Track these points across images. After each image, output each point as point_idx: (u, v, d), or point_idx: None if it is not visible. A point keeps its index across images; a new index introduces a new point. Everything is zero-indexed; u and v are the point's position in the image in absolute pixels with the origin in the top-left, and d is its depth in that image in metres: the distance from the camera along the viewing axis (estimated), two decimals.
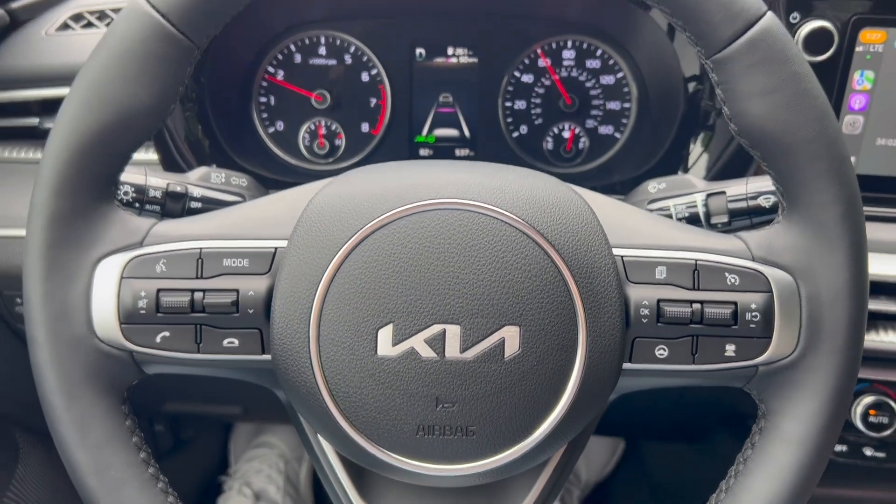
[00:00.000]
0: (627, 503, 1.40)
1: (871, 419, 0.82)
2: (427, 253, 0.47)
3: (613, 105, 0.90)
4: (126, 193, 0.61)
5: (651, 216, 0.54)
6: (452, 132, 0.91)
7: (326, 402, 0.48)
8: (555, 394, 0.48)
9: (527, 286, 0.47)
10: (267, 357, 0.51)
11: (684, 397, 1.02)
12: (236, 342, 0.50)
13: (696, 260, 0.50)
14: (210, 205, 0.64)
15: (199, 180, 0.64)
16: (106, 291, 0.50)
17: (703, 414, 1.09)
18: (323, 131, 0.91)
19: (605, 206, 0.51)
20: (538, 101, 0.90)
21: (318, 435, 0.56)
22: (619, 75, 0.89)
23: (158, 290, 0.50)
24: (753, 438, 0.51)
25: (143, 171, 0.62)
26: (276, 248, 0.50)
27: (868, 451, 0.85)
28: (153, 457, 0.52)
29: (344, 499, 0.55)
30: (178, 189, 0.62)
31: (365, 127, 0.91)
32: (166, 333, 0.50)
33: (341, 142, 0.91)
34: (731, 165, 0.77)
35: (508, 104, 0.90)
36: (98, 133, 0.49)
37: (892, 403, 0.82)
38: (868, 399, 0.81)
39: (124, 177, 0.61)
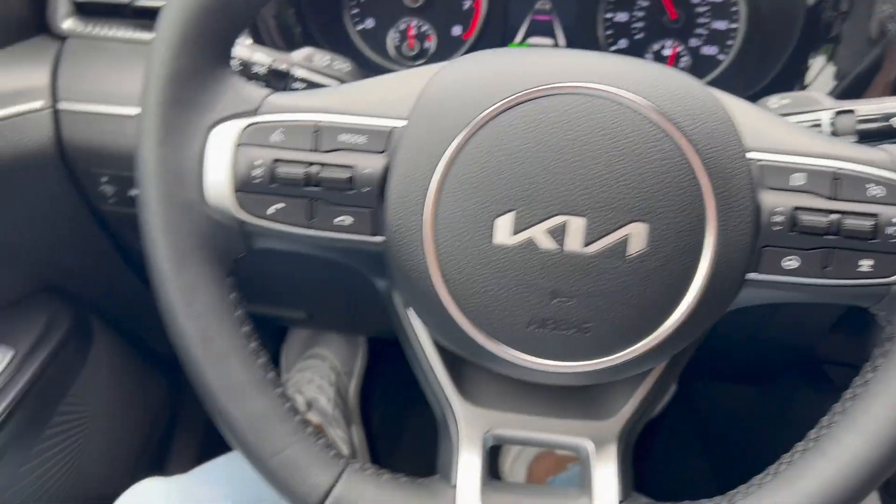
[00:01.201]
0: (675, 444, 1.40)
1: None
2: (556, 139, 0.45)
3: (720, 24, 0.86)
4: (232, 67, 0.59)
5: (787, 122, 0.51)
6: (547, 41, 0.87)
7: (438, 288, 0.47)
8: (675, 297, 0.46)
9: (658, 182, 0.45)
10: (377, 239, 0.49)
11: (751, 336, 0.99)
12: (348, 220, 0.49)
13: (838, 168, 0.47)
14: (312, 87, 0.62)
15: (303, 60, 0.62)
16: (221, 157, 0.48)
17: (771, 356, 1.06)
18: (413, 32, 0.88)
19: (741, 109, 0.49)
20: (641, 14, 0.86)
21: (420, 325, 0.55)
22: None
23: (274, 160, 0.48)
24: (876, 362, 0.49)
25: (248, 45, 0.60)
26: (392, 128, 0.48)
27: None
28: None
29: (439, 392, 0.55)
30: (282, 67, 0.60)
31: (456, 30, 0.88)
32: (280, 205, 0.49)
33: (431, 44, 0.88)
34: (859, 82, 0.73)
35: (609, 15, 0.86)
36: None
37: None
38: None
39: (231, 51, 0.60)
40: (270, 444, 0.49)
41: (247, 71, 0.60)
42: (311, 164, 0.48)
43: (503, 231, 0.46)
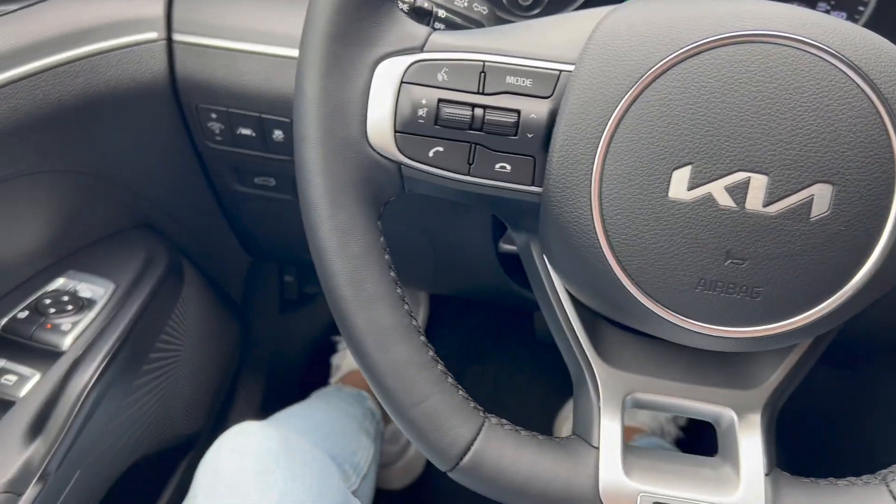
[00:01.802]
0: None
1: None
2: (740, 90, 0.43)
3: None
4: None
5: None
6: None
7: (601, 242, 0.45)
8: (854, 265, 0.44)
9: (848, 142, 0.42)
10: (535, 189, 0.47)
11: (857, 317, 0.96)
12: (508, 167, 0.47)
13: None
14: (450, 29, 0.59)
15: (444, 0, 0.59)
16: (384, 94, 0.46)
17: (863, 339, 1.03)
18: None
19: None
20: None
21: (560, 282, 0.53)
22: None
23: (439, 101, 0.46)
24: None
25: None
26: (560, 71, 0.46)
27: None
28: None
29: (579, 352, 0.53)
30: (425, 5, 0.58)
31: None
32: (440, 149, 0.47)
33: None
34: None
35: None
36: None
37: None
38: None
39: None
40: (412, 393, 0.48)
41: None
42: (476, 106, 0.46)
43: (679, 185, 0.43)
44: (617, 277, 0.45)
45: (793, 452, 1.24)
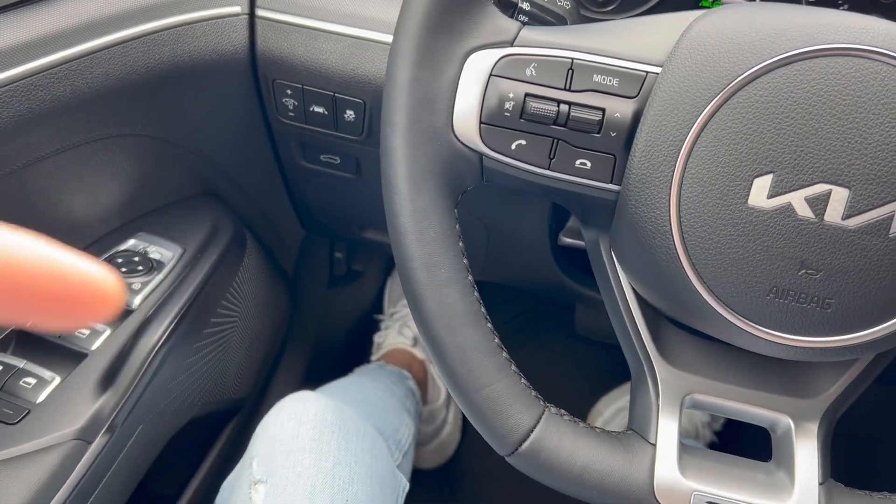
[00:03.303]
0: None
1: None
2: (829, 103, 0.43)
3: None
4: None
5: None
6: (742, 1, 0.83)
7: (676, 244, 0.46)
8: None
9: None
10: (613, 187, 0.48)
11: None
12: (589, 164, 0.48)
13: None
14: (532, 22, 0.60)
15: None
16: (472, 86, 0.48)
17: None
18: None
19: None
20: None
21: (626, 279, 0.54)
22: None
23: (526, 95, 0.47)
24: None
25: None
26: (647, 73, 0.47)
27: None
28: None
29: (641, 349, 0.54)
30: None
31: None
32: (522, 142, 0.48)
33: None
34: None
35: None
36: None
37: None
38: None
39: None
40: (477, 378, 0.50)
41: None
42: (562, 102, 0.47)
43: (759, 193, 0.44)
44: (689, 280, 0.46)
45: (841, 466, 1.24)
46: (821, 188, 0.43)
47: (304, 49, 0.74)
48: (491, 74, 0.48)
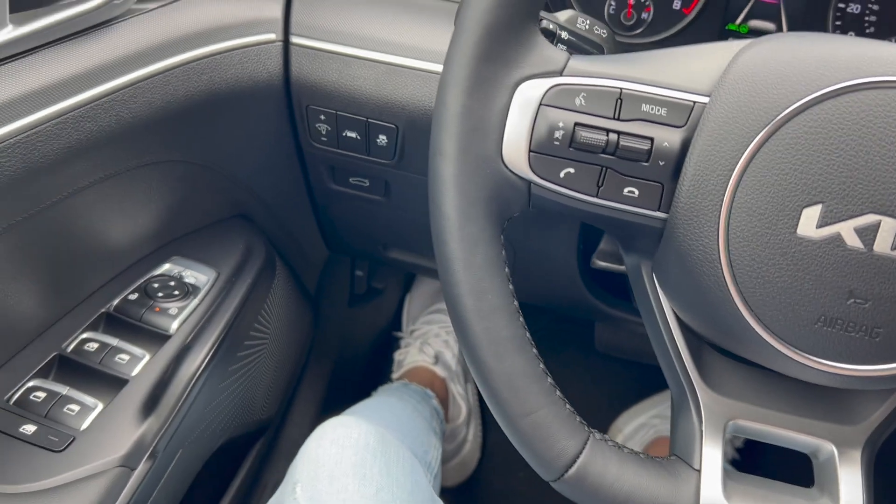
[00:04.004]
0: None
1: None
2: (878, 135, 0.43)
3: None
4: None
5: None
6: (769, 26, 0.84)
7: (724, 272, 0.46)
8: None
9: None
10: (660, 214, 0.49)
11: None
12: (637, 192, 0.48)
13: None
14: (571, 50, 0.61)
15: (566, 22, 0.61)
16: (522, 115, 0.48)
17: None
18: (632, 1, 0.86)
19: None
20: (876, 7, 0.82)
21: (668, 305, 0.54)
22: None
23: (576, 124, 0.48)
24: None
25: None
26: (695, 102, 0.47)
27: None
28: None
29: (683, 375, 0.54)
30: (550, 27, 0.59)
31: (677, 4, 0.85)
32: (571, 170, 0.49)
33: (648, 15, 0.86)
34: None
35: (842, 5, 0.83)
36: None
37: None
38: None
39: None
40: (523, 404, 0.50)
41: None
42: (611, 131, 0.48)
43: (808, 223, 0.44)
44: (737, 308, 0.46)
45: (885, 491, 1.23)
46: (870, 218, 0.44)
47: (337, 75, 0.75)
48: (541, 104, 0.48)
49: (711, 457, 0.52)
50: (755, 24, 0.85)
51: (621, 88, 0.48)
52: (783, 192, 0.45)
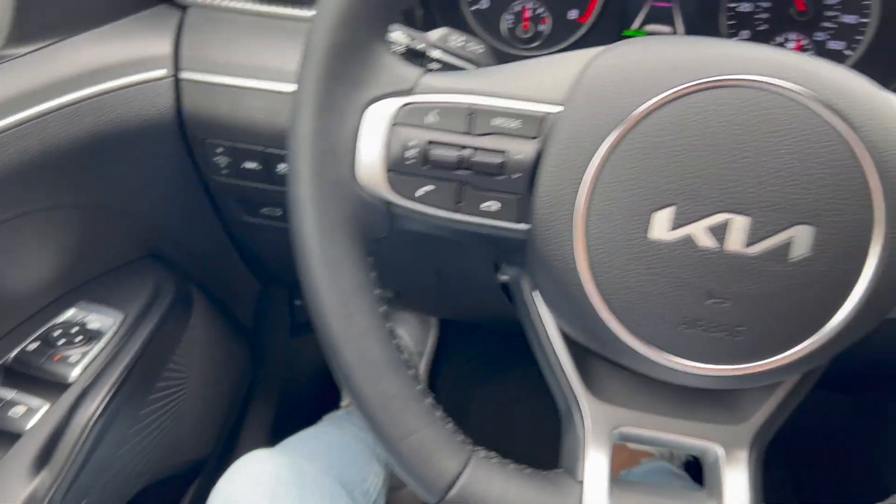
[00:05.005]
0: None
1: None
2: (722, 134, 0.43)
3: (849, 19, 0.82)
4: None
5: None
6: (665, 29, 0.85)
7: (584, 280, 0.46)
8: (834, 305, 0.44)
9: (827, 183, 0.43)
10: (522, 226, 0.48)
11: (858, 344, 0.96)
12: (495, 206, 0.48)
13: None
14: (446, 69, 0.61)
15: (437, 41, 0.61)
16: (375, 136, 0.48)
17: (868, 365, 1.03)
18: (528, 14, 0.86)
19: None
20: (767, 4, 0.83)
21: (549, 316, 0.54)
22: None
23: (428, 142, 0.47)
24: None
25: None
26: (547, 113, 0.47)
27: None
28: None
29: (566, 385, 0.54)
30: (420, 47, 0.59)
31: (572, 14, 0.86)
32: (429, 188, 0.48)
33: (545, 27, 0.87)
34: None
35: (732, 4, 0.83)
36: None
37: None
38: None
39: None
40: (401, 426, 0.49)
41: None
42: (464, 147, 0.47)
43: (661, 226, 0.44)
44: (603, 315, 0.46)
45: (801, 477, 1.23)
46: (721, 217, 0.44)
47: (230, 107, 0.75)
48: (393, 123, 0.48)
49: (596, 467, 0.51)
50: (651, 28, 0.85)
51: (472, 103, 0.48)
52: (634, 198, 0.44)
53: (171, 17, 0.77)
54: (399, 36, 0.60)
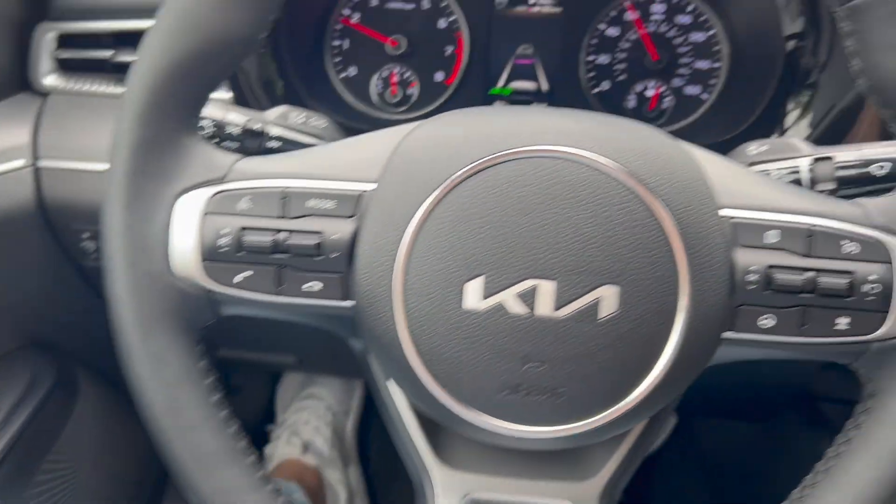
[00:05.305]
0: (675, 480, 1.38)
1: None
2: (523, 203, 0.45)
3: (702, 64, 0.85)
4: (205, 128, 0.59)
5: (762, 176, 0.50)
6: (530, 85, 0.87)
7: (409, 353, 0.46)
8: (650, 359, 0.45)
9: (628, 244, 0.44)
10: (347, 304, 0.49)
11: (750, 374, 0.98)
12: (317, 286, 0.48)
13: (812, 225, 0.46)
14: (288, 146, 0.61)
15: (277, 119, 0.61)
16: (187, 227, 0.48)
17: (769, 393, 1.05)
18: (396, 79, 0.88)
19: (712, 163, 0.48)
20: (623, 55, 0.86)
21: (396, 389, 0.54)
22: (711, 32, 0.84)
23: (242, 228, 0.48)
24: (858, 420, 0.48)
25: (222, 106, 0.60)
26: (362, 191, 0.48)
27: None
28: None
29: (415, 456, 0.54)
30: (257, 127, 0.60)
31: (439, 76, 0.88)
32: (247, 273, 0.48)
33: (414, 90, 0.88)
34: (835, 129, 0.72)
35: (591, 58, 0.86)
36: (186, 60, 0.47)
37: None
38: None
39: (204, 111, 0.60)
40: None
41: (220, 132, 0.59)
42: (279, 231, 0.48)
43: (473, 296, 0.45)
44: (428, 386, 0.46)
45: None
46: (528, 284, 0.45)
47: (91, 193, 0.74)
48: (205, 213, 0.48)
49: None
50: (517, 85, 0.88)
51: (285, 187, 0.48)
52: (446, 270, 0.45)
53: (31, 106, 0.77)
54: (235, 117, 0.60)
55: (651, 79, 0.86)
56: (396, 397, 0.54)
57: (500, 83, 0.87)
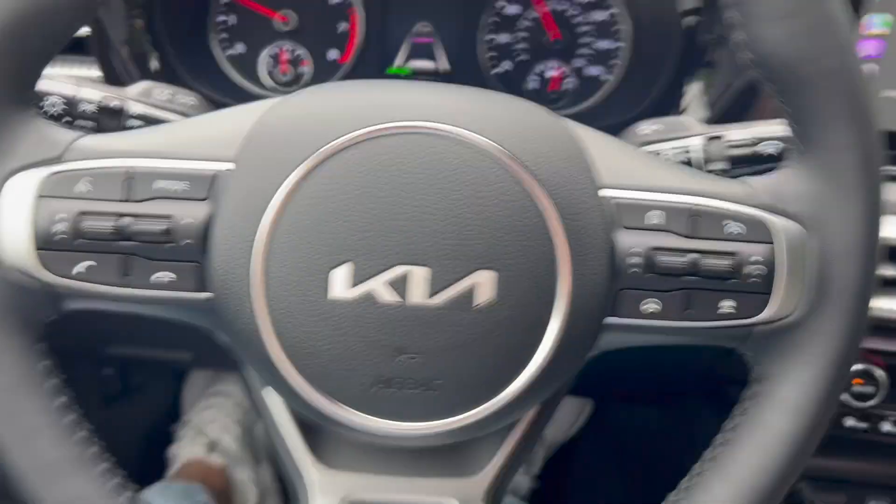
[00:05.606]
0: (592, 466, 1.38)
1: (855, 388, 0.78)
2: (393, 183, 0.41)
3: (603, 44, 0.84)
4: (54, 105, 0.54)
5: (647, 155, 0.48)
6: (428, 65, 0.84)
7: (272, 348, 0.42)
8: (530, 347, 0.43)
9: (505, 226, 0.41)
10: (204, 295, 0.44)
11: (658, 359, 0.98)
12: (168, 277, 0.44)
13: (695, 204, 0.44)
14: (151, 124, 0.56)
15: (139, 95, 0.56)
16: (18, 212, 0.43)
17: (677, 378, 1.05)
18: (286, 56, 0.83)
19: (595, 142, 0.45)
20: (523, 35, 0.83)
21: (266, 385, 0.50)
22: (612, 11, 0.83)
23: (79, 213, 0.43)
24: (744, 405, 0.47)
25: (74, 81, 0.54)
26: (217, 171, 0.43)
27: (849, 422, 0.81)
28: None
29: (288, 457, 0.50)
30: (114, 104, 0.54)
31: (333, 54, 0.84)
32: (88, 263, 0.43)
33: (306, 69, 0.84)
34: (733, 107, 0.71)
35: (490, 37, 0.83)
36: (11, 25, 0.41)
37: (875, 373, 0.78)
38: (853, 367, 0.77)
39: (52, 87, 0.54)
40: None
41: (73, 110, 0.54)
42: (122, 215, 0.43)
43: (340, 284, 0.41)
44: (293, 383, 0.43)
45: (632, 489, 1.25)
46: (399, 270, 0.41)
47: None
48: (38, 196, 0.43)
49: None
50: (415, 64, 0.84)
51: (130, 167, 0.43)
52: (310, 256, 0.41)
53: None
54: (90, 93, 0.55)
55: (552, 59, 0.84)
56: (268, 394, 0.50)
57: (398, 62, 0.84)
